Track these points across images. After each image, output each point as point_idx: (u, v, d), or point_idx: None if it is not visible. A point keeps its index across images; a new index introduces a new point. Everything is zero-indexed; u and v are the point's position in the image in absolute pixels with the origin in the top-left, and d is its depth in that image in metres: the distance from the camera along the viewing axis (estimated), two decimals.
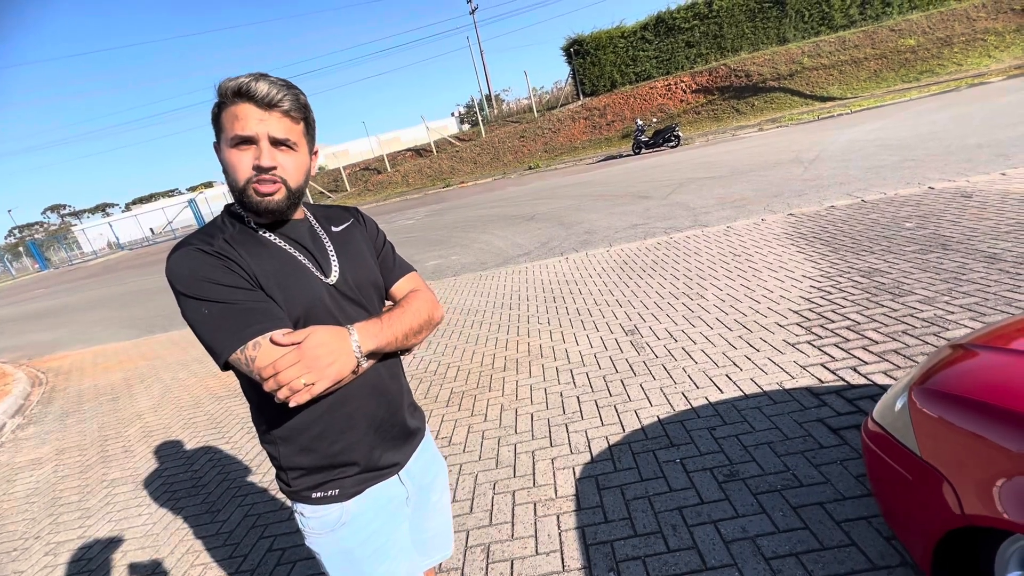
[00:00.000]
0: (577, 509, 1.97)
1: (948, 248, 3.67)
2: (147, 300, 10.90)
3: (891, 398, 1.39)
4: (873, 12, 21.68)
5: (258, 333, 0.82)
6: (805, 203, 6.01)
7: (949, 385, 1.25)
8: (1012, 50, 17.98)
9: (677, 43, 23.47)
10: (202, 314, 0.84)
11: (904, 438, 1.27)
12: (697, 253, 4.97)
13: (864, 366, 2.47)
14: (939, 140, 7.90)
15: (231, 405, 3.91)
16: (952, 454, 1.15)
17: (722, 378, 2.65)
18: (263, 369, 0.80)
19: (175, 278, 0.86)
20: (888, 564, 1.46)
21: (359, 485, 1.00)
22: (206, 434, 3.50)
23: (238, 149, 0.87)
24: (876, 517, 1.61)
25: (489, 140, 26.16)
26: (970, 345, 1.37)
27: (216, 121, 0.89)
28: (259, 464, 2.93)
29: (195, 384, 4.61)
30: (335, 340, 0.85)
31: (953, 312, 2.77)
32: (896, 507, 1.34)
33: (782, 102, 19.78)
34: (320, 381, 0.80)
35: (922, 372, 1.36)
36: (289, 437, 0.96)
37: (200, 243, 0.88)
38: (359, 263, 1.04)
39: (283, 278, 0.91)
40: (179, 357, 5.64)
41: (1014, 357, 1.25)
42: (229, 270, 0.86)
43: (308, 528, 1.01)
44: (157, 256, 23.06)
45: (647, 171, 12.40)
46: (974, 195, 4.74)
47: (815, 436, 2.05)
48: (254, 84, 0.85)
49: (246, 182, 0.88)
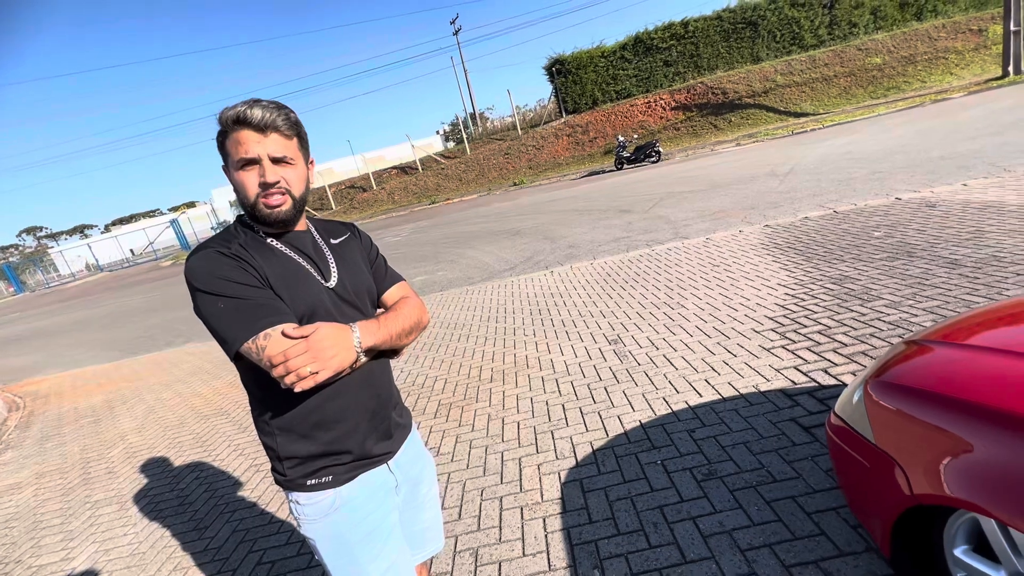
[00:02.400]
0: (563, 511, 2.02)
1: (913, 255, 3.85)
2: (129, 321, 10.73)
3: (850, 392, 1.49)
4: (841, 32, 22.63)
5: (268, 326, 0.92)
6: (780, 215, 6.22)
7: (901, 378, 1.35)
8: (971, 68, 18.86)
9: (655, 62, 24.17)
10: (218, 308, 0.94)
11: (861, 428, 1.37)
12: (678, 264, 5.10)
13: (834, 367, 2.58)
14: (905, 153, 8.25)
15: (217, 423, 3.89)
16: (903, 440, 1.24)
17: (701, 383, 2.75)
18: (274, 357, 0.89)
19: (194, 276, 0.95)
20: (854, 550, 1.54)
21: (351, 471, 1.08)
22: (192, 452, 3.48)
23: (244, 171, 0.99)
24: (843, 507, 1.70)
25: (474, 157, 26.45)
26: (922, 341, 1.47)
27: (222, 148, 1.01)
28: (247, 480, 2.93)
29: (180, 404, 4.57)
30: (339, 335, 0.95)
31: (917, 315, 2.91)
32: (857, 494, 1.43)
33: (758, 118, 20.41)
34: (324, 370, 0.89)
35: (877, 367, 1.46)
36: (288, 427, 1.04)
37: (219, 246, 0.99)
38: (355, 271, 1.15)
39: (289, 280, 1.02)
40: (162, 378, 5.58)
41: (960, 351, 1.36)
42: (243, 270, 0.96)
43: (304, 515, 1.08)
44: (138, 278, 22.71)
45: (629, 186, 12.67)
46: (937, 205, 4.97)
47: (788, 434, 2.14)
48: (249, 111, 0.96)
49: (255, 198, 1.00)
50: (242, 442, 3.45)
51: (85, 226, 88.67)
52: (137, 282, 20.31)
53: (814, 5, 22.50)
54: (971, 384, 1.17)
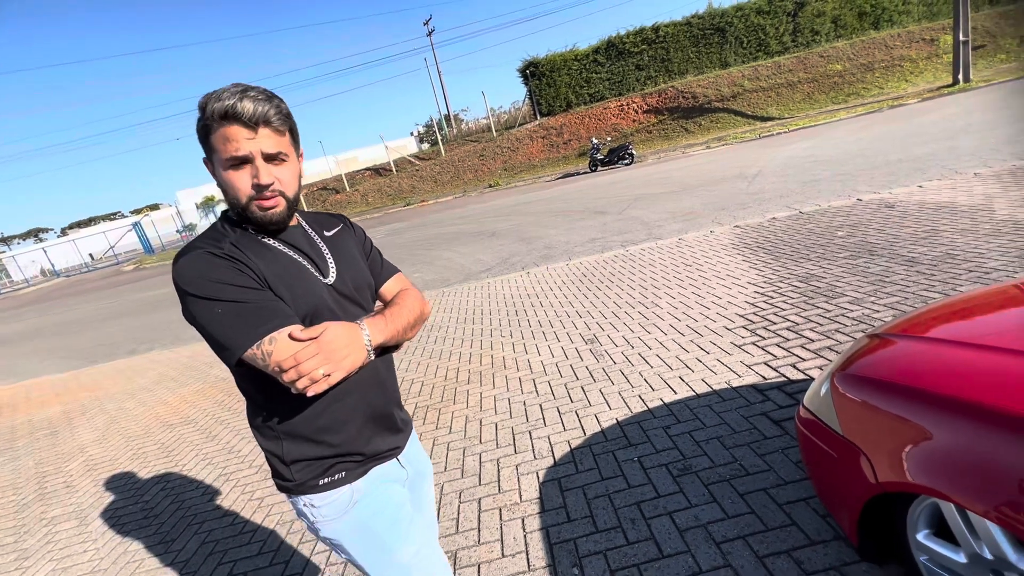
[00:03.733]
0: (541, 511, 2.02)
1: (874, 254, 4.00)
2: (88, 328, 10.27)
3: (817, 385, 1.54)
4: (804, 39, 23.43)
5: (273, 329, 0.86)
6: (749, 215, 6.39)
7: (865, 370, 1.40)
8: (925, 75, 19.79)
9: (628, 66, 24.55)
10: (215, 313, 0.87)
11: (828, 420, 1.41)
12: (652, 264, 5.18)
13: (802, 363, 2.66)
14: (865, 156, 8.59)
15: (184, 432, 3.75)
16: (867, 430, 1.28)
17: (676, 380, 2.79)
18: (283, 362, 0.84)
19: (185, 280, 0.88)
20: (824, 539, 1.59)
21: (362, 467, 1.06)
22: (157, 463, 3.35)
23: (234, 170, 0.92)
24: (813, 498, 1.75)
25: (449, 159, 26.34)
26: (884, 335, 1.53)
27: (205, 140, 0.92)
28: (216, 489, 2.83)
29: (144, 413, 4.40)
30: (349, 334, 0.90)
31: (879, 311, 3.03)
32: (825, 484, 1.47)
33: (726, 122, 20.94)
34: (336, 372, 0.86)
35: (843, 360, 1.51)
36: (293, 431, 1.00)
37: (209, 246, 0.91)
38: (353, 265, 1.10)
39: (289, 279, 0.96)
40: (125, 387, 5.36)
41: (919, 343, 1.41)
42: (239, 271, 0.90)
43: (321, 517, 1.03)
44: (98, 283, 21.79)
45: (603, 188, 12.81)
46: (896, 205, 5.19)
47: (760, 428, 2.19)
48: (239, 105, 0.87)
49: (248, 200, 0.94)
50: (210, 451, 3.34)
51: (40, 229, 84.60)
52: (97, 288, 19.48)
53: (778, 13, 23.24)
54: (929, 375, 1.22)
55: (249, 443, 3.31)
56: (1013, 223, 3.98)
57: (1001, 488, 0.94)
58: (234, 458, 3.16)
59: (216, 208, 36.62)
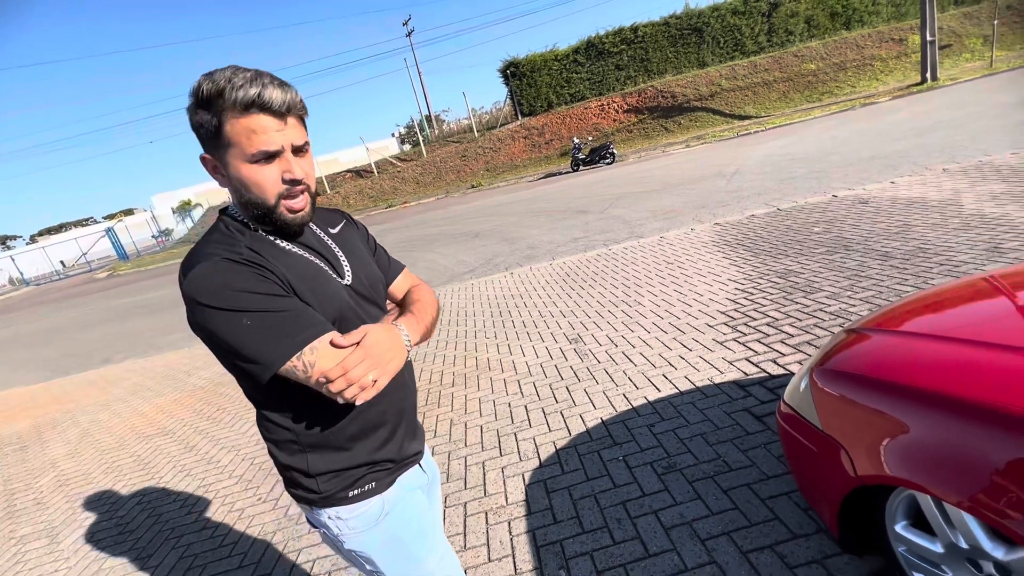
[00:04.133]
0: (527, 514, 2.01)
1: (850, 249, 4.09)
2: (59, 338, 9.96)
3: (797, 381, 1.55)
4: (778, 39, 23.89)
5: (312, 338, 0.80)
6: (729, 213, 6.47)
7: (842, 365, 1.42)
8: (895, 74, 20.34)
9: (607, 66, 24.72)
10: (243, 326, 0.78)
11: (808, 415, 1.42)
12: (634, 263, 5.22)
13: (782, 357, 2.70)
14: (839, 154, 8.78)
15: (161, 444, 3.65)
16: (846, 424, 1.30)
17: (659, 378, 2.81)
18: (330, 371, 0.78)
19: (203, 293, 0.78)
20: (806, 532, 1.61)
21: (392, 475, 1.02)
22: (133, 477, 3.25)
23: (261, 165, 0.83)
24: (794, 492, 1.77)
25: (431, 160, 26.21)
26: (861, 329, 1.55)
27: (215, 134, 0.81)
28: (195, 502, 2.76)
29: (118, 425, 4.27)
30: (391, 337, 0.86)
31: (855, 305, 3.09)
32: (806, 478, 1.49)
33: (705, 120, 21.24)
34: (384, 376, 0.82)
35: (821, 355, 1.53)
36: (323, 442, 0.94)
37: (225, 252, 0.82)
38: (364, 263, 1.05)
39: (312, 283, 0.89)
40: (98, 398, 5.20)
41: (894, 337, 1.44)
42: (264, 278, 0.82)
43: (349, 529, 0.99)
44: (69, 291, 21.16)
45: (585, 187, 12.88)
46: (869, 201, 5.31)
47: (742, 424, 2.22)
48: (266, 93, 0.79)
49: (277, 199, 0.85)
50: (188, 462, 3.25)
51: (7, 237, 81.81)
52: (68, 296, 18.91)
53: (754, 13, 23.66)
54: (904, 368, 1.24)
55: (228, 453, 3.24)
56: (980, 217, 4.10)
57: (975, 479, 0.95)
58: (213, 469, 3.08)
59: (192, 213, 35.86)
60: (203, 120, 0.80)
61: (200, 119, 0.81)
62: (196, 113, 0.81)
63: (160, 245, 34.35)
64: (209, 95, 0.78)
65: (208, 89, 0.78)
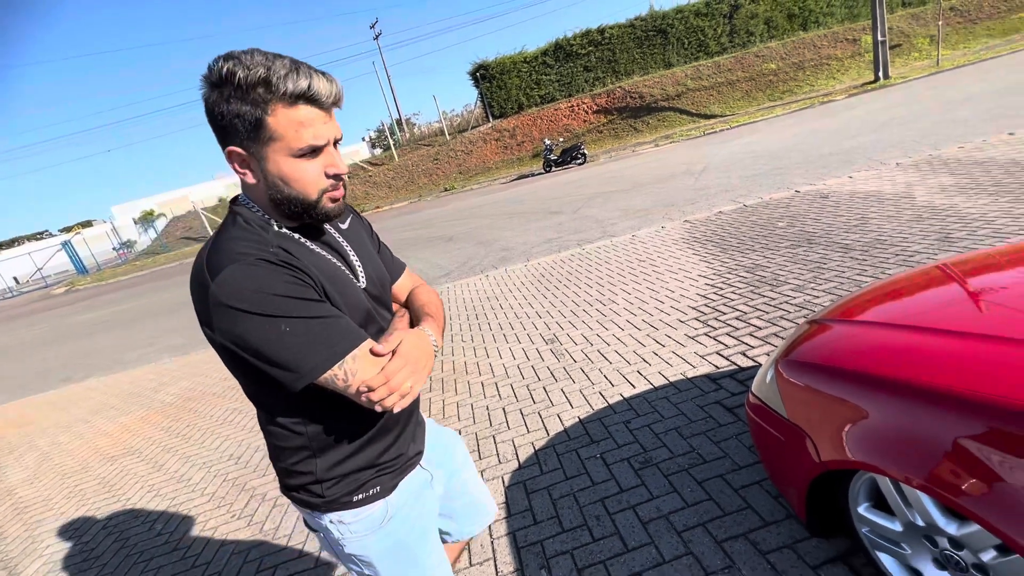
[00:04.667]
0: (508, 516, 2.02)
1: (812, 242, 4.23)
2: (13, 358, 9.48)
3: (764, 372, 1.60)
4: (740, 40, 24.58)
5: (352, 347, 0.78)
6: (698, 210, 6.62)
7: (805, 355, 1.47)
8: (850, 73, 21.16)
9: (576, 67, 24.98)
10: (281, 332, 0.74)
11: (775, 405, 1.47)
12: (607, 262, 5.28)
13: (751, 350, 2.78)
14: (800, 150, 9.09)
15: (128, 464, 3.52)
16: (811, 413, 1.35)
17: (634, 374, 2.85)
18: (372, 380, 0.77)
19: (235, 297, 0.73)
20: (777, 519, 1.66)
21: (395, 478, 1.02)
22: (97, 500, 3.12)
23: (305, 159, 0.79)
24: (765, 480, 1.82)
25: (402, 164, 25.99)
26: (822, 320, 1.61)
27: (256, 126, 0.75)
28: (165, 523, 2.66)
29: (81, 447, 4.09)
30: (423, 342, 0.86)
31: (818, 296, 3.20)
32: (775, 466, 1.54)
33: (673, 120, 21.68)
34: (419, 382, 0.82)
35: (786, 347, 1.58)
36: (332, 448, 0.93)
37: (258, 252, 0.77)
38: (372, 261, 1.01)
39: (339, 286, 0.87)
40: (59, 419, 4.97)
41: (854, 327, 1.50)
42: (302, 283, 0.78)
43: (351, 533, 0.98)
44: (23, 309, 20.15)
45: (558, 188, 12.97)
46: (830, 196, 5.51)
47: (714, 416, 2.27)
48: (316, 85, 0.76)
49: (320, 193, 0.83)
50: (157, 482, 3.14)
51: None
52: (22, 314, 18.00)
53: (715, 15, 24.28)
54: (862, 356, 1.30)
55: (200, 470, 3.14)
56: (931, 209, 4.31)
57: (926, 459, 1.00)
58: (184, 487, 2.98)
59: (155, 223, 34.66)
60: (240, 111, 0.74)
61: (236, 109, 0.74)
62: (228, 103, 0.74)
63: (122, 257, 33.04)
64: (252, 83, 0.73)
65: (247, 78, 0.72)
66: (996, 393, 0.94)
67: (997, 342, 1.08)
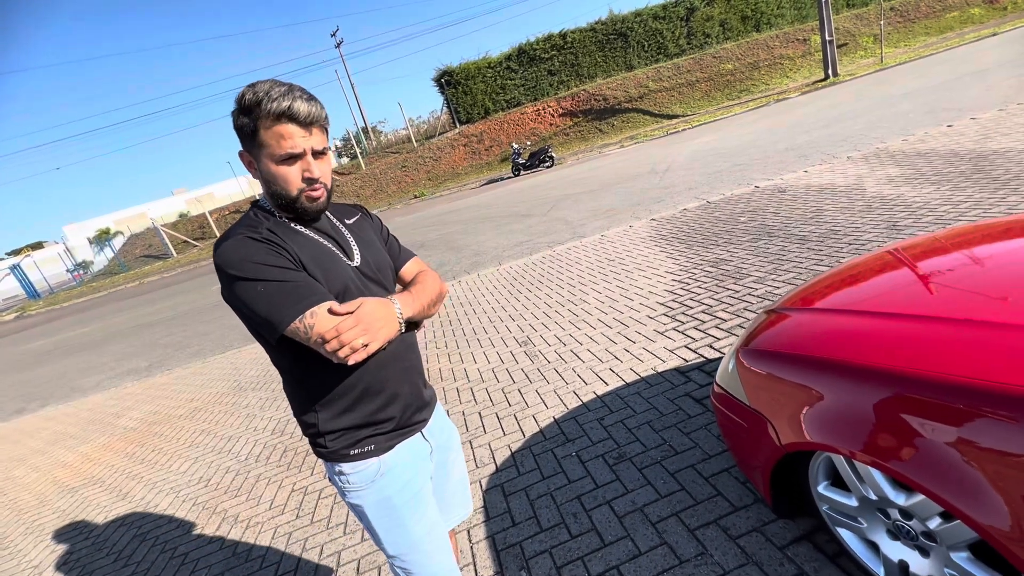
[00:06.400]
0: (486, 519, 2.02)
1: (772, 235, 4.39)
2: None
3: (726, 362, 1.66)
4: (697, 42, 25.29)
5: (313, 304, 0.94)
6: (663, 208, 6.77)
7: (764, 344, 1.53)
8: (802, 72, 22.01)
9: (540, 71, 25.23)
10: (258, 291, 0.94)
11: (737, 393, 1.52)
12: (578, 262, 5.35)
13: (718, 341, 2.86)
14: (758, 147, 9.40)
15: (90, 495, 3.36)
16: (771, 399, 1.40)
17: (606, 372, 2.90)
18: (326, 333, 0.91)
19: (228, 263, 0.95)
20: (745, 504, 1.71)
21: (391, 440, 1.15)
22: (59, 535, 2.97)
23: (287, 165, 1.00)
24: (733, 467, 1.88)
25: (370, 172, 25.70)
26: (779, 309, 1.67)
27: (252, 136, 0.98)
28: (131, 553, 2.56)
29: (37, 479, 3.89)
30: (383, 308, 0.99)
31: (779, 287, 3.32)
32: (740, 452, 1.59)
33: (636, 121, 22.11)
34: (374, 341, 0.93)
35: (745, 336, 1.64)
36: (330, 402, 1.08)
37: (248, 232, 0.98)
38: (374, 250, 1.19)
39: (321, 261, 1.05)
40: (12, 452, 4.71)
41: (808, 315, 1.56)
42: (278, 254, 0.98)
43: (350, 484, 1.13)
44: None
45: (527, 191, 13.06)
46: (787, 190, 5.72)
47: (684, 409, 2.33)
48: (295, 106, 0.96)
49: (298, 192, 1.02)
50: (122, 511, 3.01)
51: None
52: None
53: (673, 18, 24.93)
54: (815, 342, 1.36)
55: (167, 496, 3.03)
56: (880, 199, 4.53)
57: (874, 435, 1.06)
58: (151, 515, 2.87)
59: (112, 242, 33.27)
60: (243, 123, 0.98)
61: (241, 122, 0.99)
62: (238, 118, 0.99)
63: (77, 279, 31.57)
64: (250, 104, 0.96)
65: (249, 99, 0.95)
66: (933, 369, 1.01)
67: (938, 322, 1.15)
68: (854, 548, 1.35)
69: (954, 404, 0.94)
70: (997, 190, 3.96)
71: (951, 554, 1.05)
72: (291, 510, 2.50)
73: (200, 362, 5.99)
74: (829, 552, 1.47)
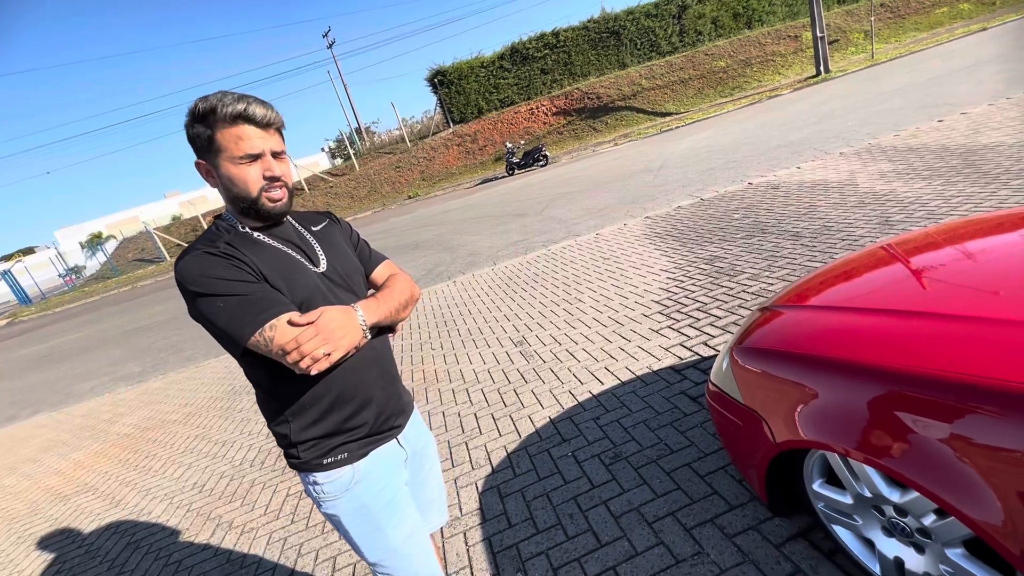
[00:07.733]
0: (482, 522, 2.01)
1: (766, 232, 4.40)
2: None
3: (720, 360, 1.65)
4: (690, 40, 25.32)
5: (272, 316, 0.93)
6: (657, 206, 6.78)
7: (758, 342, 1.52)
8: (794, 68, 22.09)
9: (533, 70, 25.20)
10: (217, 307, 0.94)
11: (732, 391, 1.52)
12: (573, 261, 5.34)
13: (712, 339, 2.86)
14: (751, 144, 9.43)
15: (83, 503, 3.33)
16: (765, 397, 1.40)
17: (602, 371, 2.89)
18: (286, 344, 0.91)
19: (187, 280, 0.95)
20: (741, 502, 1.71)
21: (364, 447, 1.13)
22: (50, 543, 2.94)
23: (245, 165, 1.00)
24: (729, 465, 1.88)
25: (364, 173, 25.60)
26: (772, 307, 1.67)
27: (208, 142, 0.98)
28: (124, 561, 2.53)
29: (29, 488, 3.85)
30: (344, 316, 0.99)
31: (773, 283, 3.32)
32: (736, 450, 1.59)
33: (630, 119, 22.12)
34: (336, 350, 0.94)
35: (739, 334, 1.63)
36: (300, 412, 1.07)
37: (205, 247, 0.98)
38: (342, 255, 1.18)
39: (284, 270, 1.04)
40: (3, 460, 4.67)
41: (802, 312, 1.55)
42: (236, 267, 0.97)
43: (324, 494, 1.11)
44: None
45: (522, 190, 13.04)
46: (780, 187, 5.73)
47: (680, 407, 2.33)
48: (251, 109, 0.98)
49: (259, 192, 1.02)
50: (116, 518, 2.99)
51: None
52: None
53: (665, 16, 24.96)
54: (809, 339, 1.35)
55: (161, 502, 3.00)
56: (873, 195, 4.54)
57: (869, 433, 1.06)
58: (145, 522, 2.85)
59: (104, 246, 33.01)
60: (198, 132, 0.99)
61: (196, 131, 0.99)
62: (192, 127, 0.99)
63: (69, 284, 31.31)
64: (204, 111, 0.96)
65: (203, 107, 0.96)
66: (926, 365, 1.00)
67: (931, 318, 1.15)
68: (850, 545, 1.35)
69: (947, 400, 0.94)
70: (988, 184, 3.99)
71: (946, 551, 1.05)
72: (286, 515, 2.48)
73: (194, 366, 5.95)
74: (825, 549, 1.47)
